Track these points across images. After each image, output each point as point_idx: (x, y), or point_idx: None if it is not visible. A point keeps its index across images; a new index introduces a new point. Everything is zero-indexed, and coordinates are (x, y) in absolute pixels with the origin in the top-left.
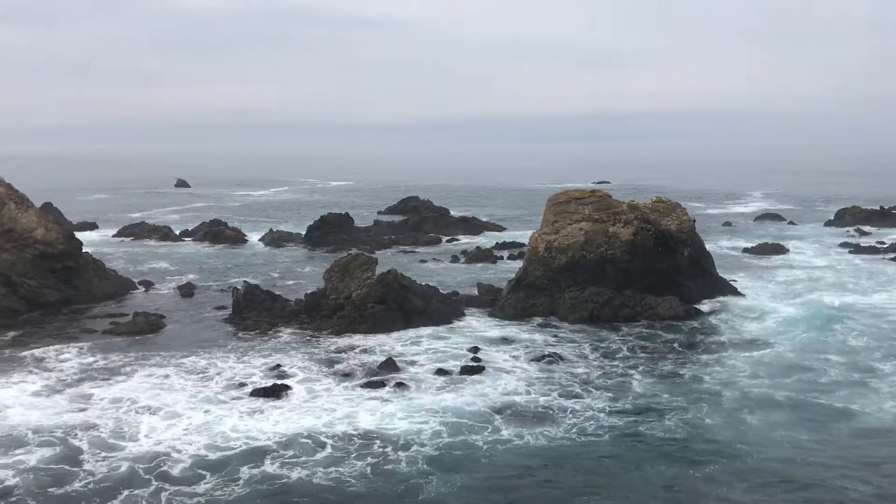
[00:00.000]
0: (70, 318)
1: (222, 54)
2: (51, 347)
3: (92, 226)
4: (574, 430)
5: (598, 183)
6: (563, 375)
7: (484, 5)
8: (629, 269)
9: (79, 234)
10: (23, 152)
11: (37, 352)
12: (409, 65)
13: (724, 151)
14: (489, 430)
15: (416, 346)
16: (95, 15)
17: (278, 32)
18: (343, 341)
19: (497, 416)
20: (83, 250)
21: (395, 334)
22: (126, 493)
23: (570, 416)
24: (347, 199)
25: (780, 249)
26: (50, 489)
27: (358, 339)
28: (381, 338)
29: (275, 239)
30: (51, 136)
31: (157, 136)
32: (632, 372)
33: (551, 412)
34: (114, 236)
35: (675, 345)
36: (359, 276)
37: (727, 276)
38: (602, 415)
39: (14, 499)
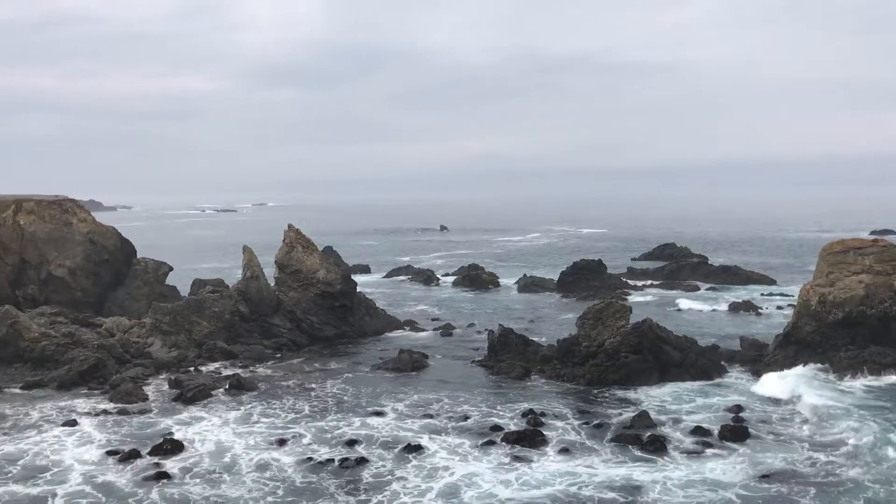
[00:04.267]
0: (343, 353)
1: (481, 106)
2: (324, 380)
3: (365, 268)
4: None
5: (881, 231)
6: (845, 444)
7: (748, 46)
8: None
9: (353, 276)
10: (310, 201)
11: (308, 383)
12: (671, 109)
13: None
14: None
15: (673, 401)
16: (360, 75)
17: (536, 83)
18: (595, 390)
19: (787, 490)
20: (357, 290)
21: (649, 386)
22: None
23: (867, 494)
24: (601, 245)
25: None
26: None
27: (611, 389)
28: (635, 389)
29: (528, 284)
30: (333, 187)
31: (422, 186)
32: None
33: (844, 489)
34: (383, 278)
35: None
36: (612, 324)
37: None
38: None
39: None
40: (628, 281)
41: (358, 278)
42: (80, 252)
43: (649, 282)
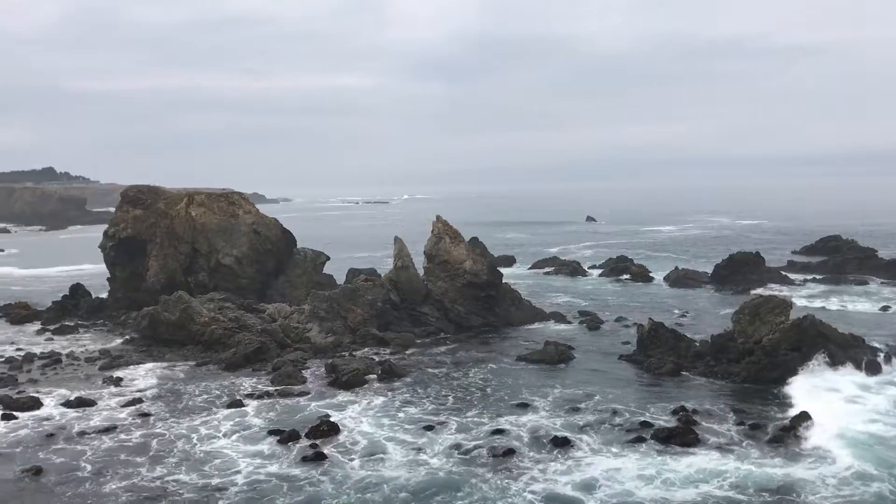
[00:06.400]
0: (489, 343)
1: (630, 94)
2: (470, 369)
3: (510, 259)
4: None
5: None
6: None
7: None
8: None
9: (499, 267)
10: (459, 192)
11: (455, 372)
12: (828, 92)
13: None
14: None
15: (835, 401)
16: (510, 66)
17: (685, 70)
18: (751, 388)
19: None
20: (503, 281)
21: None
22: None
23: None
24: (758, 237)
25: None
26: None
27: (768, 388)
28: (795, 388)
29: (679, 277)
30: (482, 177)
31: (570, 175)
32: None
33: None
34: (528, 269)
35: None
36: (770, 319)
37: None
38: None
39: None
40: (788, 275)
41: (503, 269)
42: (245, 242)
43: (812, 276)
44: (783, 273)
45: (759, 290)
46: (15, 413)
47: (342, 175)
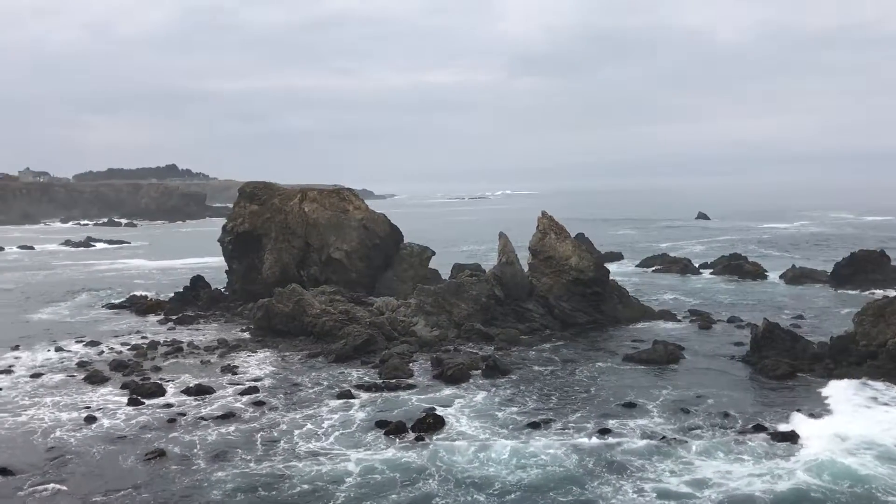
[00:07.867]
0: (595, 341)
1: (748, 86)
2: (575, 367)
3: (618, 256)
4: None
5: None
6: None
7: None
8: None
9: (606, 263)
10: (564, 187)
11: (559, 370)
12: None
13: None
14: None
15: None
16: (617, 59)
17: (810, 60)
18: (873, 394)
19: None
20: (610, 278)
21: None
22: None
23: None
24: (885, 234)
25: None
26: None
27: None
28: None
29: (796, 276)
30: (587, 171)
31: (680, 171)
32: None
33: None
34: (636, 266)
35: None
36: None
37: None
38: None
39: None
40: None
41: (610, 266)
42: (355, 237)
43: None
44: None
45: (884, 291)
46: (141, 399)
47: (445, 170)
